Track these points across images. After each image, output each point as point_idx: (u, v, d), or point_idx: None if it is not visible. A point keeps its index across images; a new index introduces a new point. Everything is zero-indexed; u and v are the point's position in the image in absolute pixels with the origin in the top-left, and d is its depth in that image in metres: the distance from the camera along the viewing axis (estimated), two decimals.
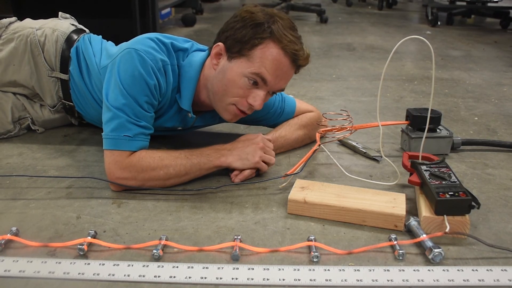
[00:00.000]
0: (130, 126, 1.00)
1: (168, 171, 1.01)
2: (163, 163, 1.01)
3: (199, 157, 1.04)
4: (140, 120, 1.01)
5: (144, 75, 1.00)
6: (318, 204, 0.94)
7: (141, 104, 1.01)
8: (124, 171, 1.00)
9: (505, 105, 1.72)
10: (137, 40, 1.06)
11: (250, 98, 1.03)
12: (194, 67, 1.09)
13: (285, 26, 1.02)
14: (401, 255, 0.81)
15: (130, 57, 1.01)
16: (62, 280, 0.75)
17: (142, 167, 1.00)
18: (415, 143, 1.23)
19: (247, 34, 1.01)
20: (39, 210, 0.96)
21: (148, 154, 1.01)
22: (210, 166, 1.05)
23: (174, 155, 1.03)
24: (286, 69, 1.03)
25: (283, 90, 1.10)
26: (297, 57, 1.02)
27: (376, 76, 2.14)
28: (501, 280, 0.76)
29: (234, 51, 1.02)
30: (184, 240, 0.86)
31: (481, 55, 2.66)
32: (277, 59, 1.01)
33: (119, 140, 0.99)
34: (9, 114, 1.31)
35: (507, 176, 1.15)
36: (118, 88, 1.00)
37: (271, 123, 1.28)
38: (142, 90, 1.00)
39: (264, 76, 1.01)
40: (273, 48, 1.00)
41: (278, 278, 0.76)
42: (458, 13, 4.04)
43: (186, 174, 1.04)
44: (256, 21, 1.01)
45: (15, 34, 1.30)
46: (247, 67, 1.01)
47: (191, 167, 1.03)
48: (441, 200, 0.87)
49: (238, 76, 1.01)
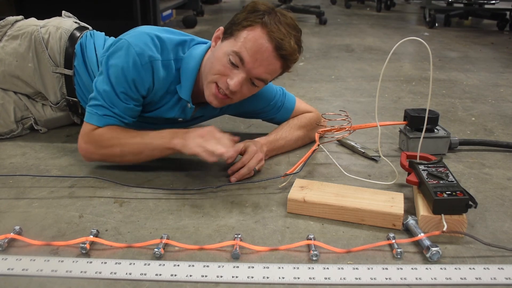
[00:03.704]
0: (103, 110, 1.07)
1: (123, 149, 1.07)
2: (120, 141, 1.06)
3: (154, 138, 1.07)
4: (114, 107, 1.07)
5: (124, 69, 1.04)
6: (317, 203, 0.95)
7: (118, 93, 1.06)
8: (86, 144, 1.08)
9: (501, 106, 1.74)
10: (134, 32, 1.08)
11: (229, 77, 1.03)
12: (194, 59, 1.11)
13: (281, 21, 1.02)
14: (399, 253, 0.82)
15: (119, 48, 1.05)
16: (64, 278, 0.76)
17: (102, 142, 1.07)
18: (413, 143, 1.24)
19: (241, 16, 1.04)
20: (42, 209, 0.97)
21: (109, 131, 1.07)
22: (163, 147, 1.06)
23: (132, 134, 1.08)
24: (267, 55, 1.01)
25: (266, 82, 1.07)
26: (281, 46, 1.00)
27: (375, 77, 2.15)
28: (498, 279, 0.77)
29: (228, 32, 1.05)
30: (185, 239, 0.87)
31: (478, 56, 2.67)
32: (260, 43, 1.00)
33: (92, 115, 1.07)
34: (12, 114, 1.32)
35: (503, 175, 1.16)
36: (104, 74, 1.07)
37: (270, 116, 1.29)
38: (120, 82, 1.05)
39: (242, 56, 1.00)
40: (259, 31, 1.01)
41: (277, 276, 0.77)
42: (455, 14, 4.06)
43: (140, 153, 1.07)
44: (254, 8, 1.04)
45: (19, 31, 1.32)
46: (232, 46, 1.02)
47: (145, 147, 1.07)
48: (438, 200, 0.88)
49: (223, 54, 1.03)
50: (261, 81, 1.06)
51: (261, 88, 1.11)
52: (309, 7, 4.10)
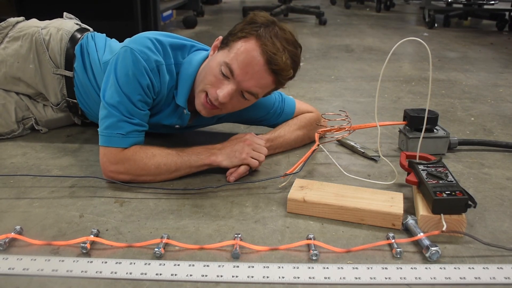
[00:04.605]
0: (123, 124, 1.03)
1: (159, 167, 1.04)
2: (155, 159, 1.04)
3: (190, 155, 1.07)
4: (134, 117, 1.04)
5: (136, 75, 1.02)
6: (317, 203, 0.95)
7: (135, 102, 1.03)
8: (117, 165, 1.03)
9: (501, 106, 1.74)
10: (135, 38, 1.08)
11: (219, 89, 1.02)
12: (193, 65, 1.11)
13: (278, 35, 1.01)
14: (398, 253, 0.83)
15: (125, 56, 1.03)
16: (65, 278, 0.76)
17: (135, 162, 1.03)
18: (412, 143, 1.24)
19: (238, 27, 1.04)
20: (42, 209, 0.97)
21: (141, 150, 1.04)
22: (200, 164, 1.07)
23: (166, 151, 1.06)
24: (258, 68, 1.00)
25: (256, 96, 1.05)
26: (272, 60, 0.98)
27: (374, 77, 2.15)
28: (497, 278, 0.77)
29: (224, 42, 1.05)
30: (185, 238, 0.88)
31: (477, 57, 2.67)
32: (251, 55, 0.99)
33: (113, 138, 1.03)
34: (13, 114, 1.32)
35: (503, 175, 1.16)
36: (114, 86, 1.03)
37: (271, 123, 1.29)
38: (136, 89, 1.03)
39: (233, 68, 1.00)
40: (252, 44, 1.00)
41: (277, 276, 0.77)
42: (454, 15, 4.07)
43: (176, 171, 1.07)
44: (252, 20, 1.03)
45: (21, 32, 1.32)
46: (225, 56, 1.02)
47: (182, 164, 1.06)
48: (438, 199, 0.88)
49: (216, 64, 1.03)
50: (252, 95, 1.04)
51: (252, 102, 1.09)
52: (308, 8, 4.11)
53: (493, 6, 4.09)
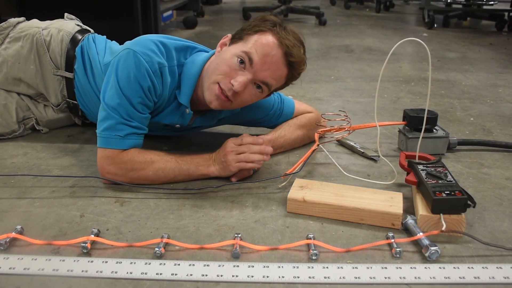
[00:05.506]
0: (122, 126, 1.03)
1: (157, 173, 1.05)
2: (154, 165, 1.04)
3: (189, 164, 1.07)
4: (133, 120, 1.04)
5: (138, 77, 1.02)
6: (317, 203, 0.96)
7: (135, 105, 1.03)
8: (114, 167, 1.03)
9: (500, 106, 1.74)
10: (138, 40, 1.08)
11: (233, 79, 1.03)
12: (196, 65, 1.11)
13: (289, 32, 1.05)
14: (398, 253, 0.83)
15: (127, 58, 1.03)
16: (66, 277, 0.76)
17: (133, 165, 1.03)
18: (412, 143, 1.24)
19: (252, 23, 1.06)
20: (43, 208, 0.97)
21: (140, 154, 1.04)
22: (198, 174, 1.08)
23: (165, 158, 1.06)
24: (275, 59, 1.02)
25: (270, 87, 1.06)
26: (290, 52, 1.03)
27: (374, 77, 2.15)
28: (496, 278, 0.77)
29: (236, 37, 1.07)
30: (185, 238, 0.88)
31: (477, 57, 2.68)
32: (270, 46, 1.02)
33: (111, 139, 1.03)
34: (14, 114, 1.32)
35: (502, 175, 1.16)
36: (114, 88, 1.03)
37: (271, 124, 1.30)
38: (136, 91, 1.02)
39: (252, 56, 1.01)
40: (270, 36, 1.03)
41: (277, 276, 0.77)
42: (454, 15, 4.07)
43: (174, 178, 1.07)
44: (265, 18, 1.06)
45: (21, 33, 1.32)
46: (241, 47, 1.03)
47: (180, 172, 1.06)
48: (437, 199, 0.88)
49: (230, 55, 1.04)
50: (266, 86, 1.06)
51: (263, 96, 1.10)
52: (308, 8, 4.11)
53: (492, 7, 4.10)
